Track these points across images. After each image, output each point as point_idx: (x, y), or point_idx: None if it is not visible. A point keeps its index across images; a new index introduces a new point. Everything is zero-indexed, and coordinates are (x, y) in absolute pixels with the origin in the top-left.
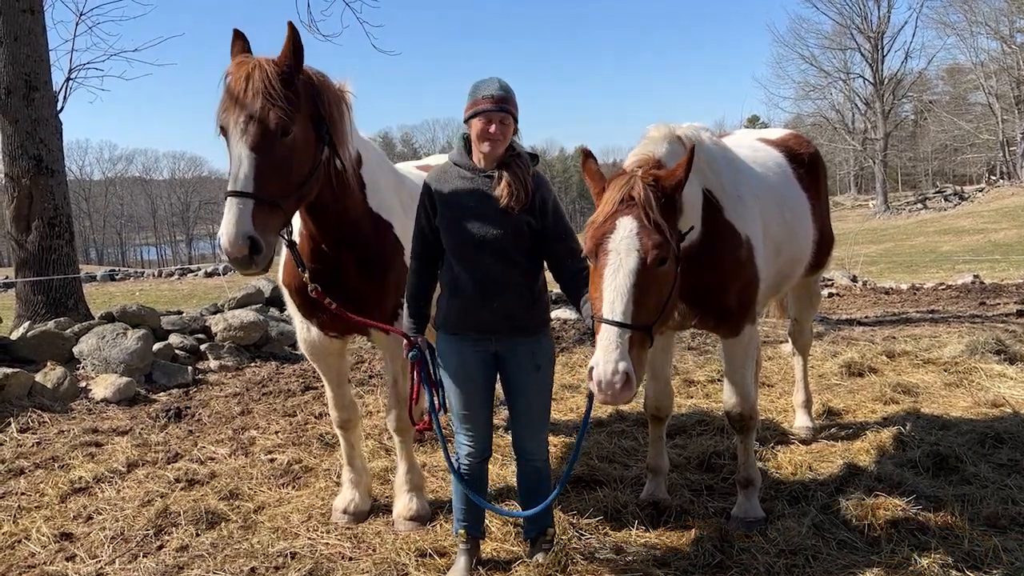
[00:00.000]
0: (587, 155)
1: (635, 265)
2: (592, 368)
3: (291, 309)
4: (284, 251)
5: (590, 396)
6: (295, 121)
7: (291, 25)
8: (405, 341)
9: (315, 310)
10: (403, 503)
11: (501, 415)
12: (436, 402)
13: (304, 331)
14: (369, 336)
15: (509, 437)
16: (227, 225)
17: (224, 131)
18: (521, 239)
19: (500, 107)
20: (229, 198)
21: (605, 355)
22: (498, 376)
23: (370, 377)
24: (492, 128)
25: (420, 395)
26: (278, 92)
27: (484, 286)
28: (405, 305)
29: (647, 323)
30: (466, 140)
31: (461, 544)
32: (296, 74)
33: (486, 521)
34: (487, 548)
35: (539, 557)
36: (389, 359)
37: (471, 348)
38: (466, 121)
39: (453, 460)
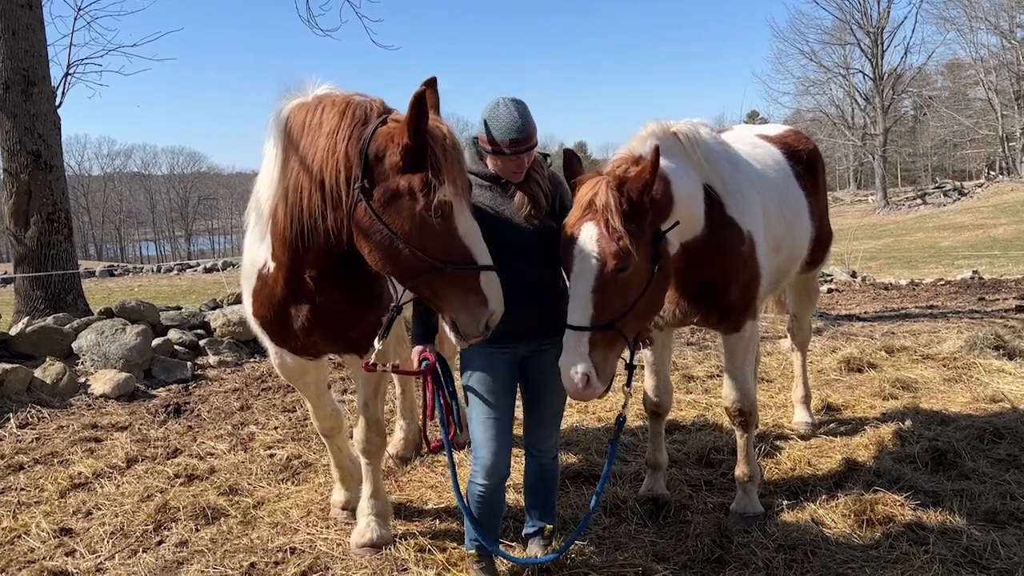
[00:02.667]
0: (569, 155)
1: (594, 272)
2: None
3: (262, 338)
4: (253, 283)
5: (619, 421)
6: None
7: (434, 79)
8: (415, 352)
9: (288, 338)
10: (360, 529)
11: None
12: (449, 419)
13: (278, 358)
14: (340, 355)
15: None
16: (500, 299)
17: (449, 205)
18: (545, 243)
19: (527, 149)
20: (490, 273)
21: (564, 358)
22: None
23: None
24: (516, 168)
25: (434, 410)
26: None
27: (514, 291)
28: (415, 312)
29: (609, 322)
30: (477, 145)
31: (474, 564)
32: None
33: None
34: None
35: (538, 553)
36: (361, 382)
37: (499, 353)
38: (481, 142)
39: (463, 487)
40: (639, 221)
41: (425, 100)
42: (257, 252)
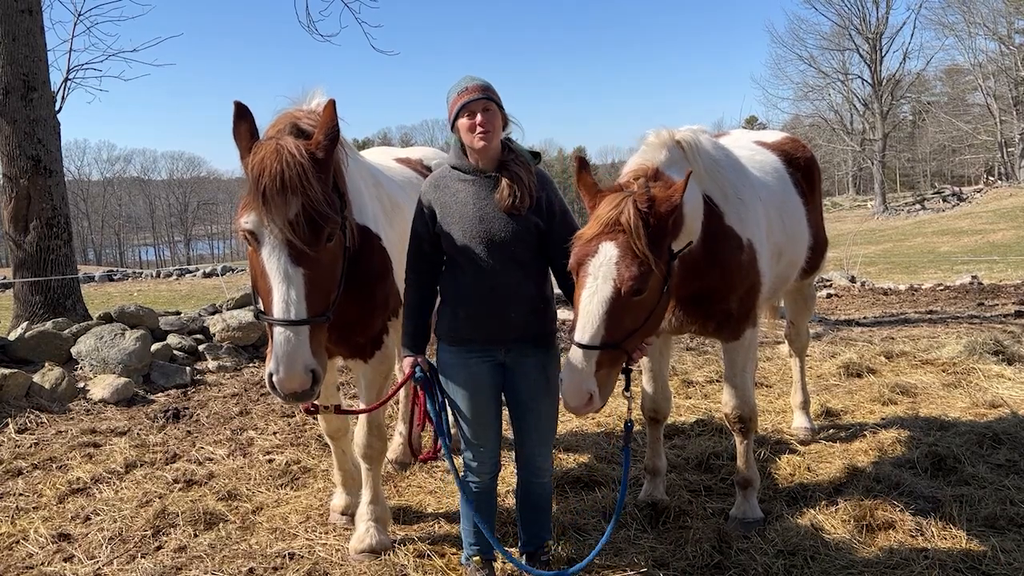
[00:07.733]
0: (581, 164)
1: (609, 294)
2: (560, 382)
3: None
4: None
5: (627, 426)
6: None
7: (332, 102)
8: (407, 362)
9: None
10: (359, 534)
11: None
12: (446, 426)
13: None
14: (345, 359)
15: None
16: (285, 361)
17: (254, 236)
18: (529, 241)
19: (481, 95)
20: (280, 328)
21: (571, 375)
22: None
23: None
24: (478, 119)
25: (424, 422)
26: (319, 191)
27: (493, 293)
28: (405, 320)
29: (616, 342)
30: (461, 143)
31: (478, 571)
32: (331, 161)
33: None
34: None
35: (539, 570)
36: (364, 386)
37: (478, 359)
38: (453, 126)
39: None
40: (661, 243)
41: (238, 113)
42: None
